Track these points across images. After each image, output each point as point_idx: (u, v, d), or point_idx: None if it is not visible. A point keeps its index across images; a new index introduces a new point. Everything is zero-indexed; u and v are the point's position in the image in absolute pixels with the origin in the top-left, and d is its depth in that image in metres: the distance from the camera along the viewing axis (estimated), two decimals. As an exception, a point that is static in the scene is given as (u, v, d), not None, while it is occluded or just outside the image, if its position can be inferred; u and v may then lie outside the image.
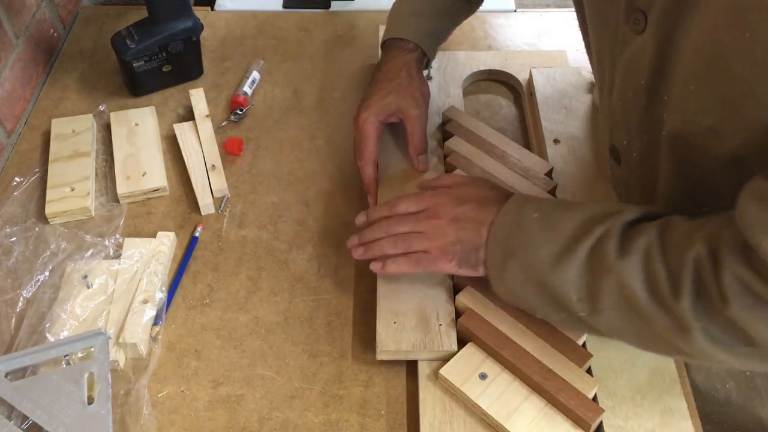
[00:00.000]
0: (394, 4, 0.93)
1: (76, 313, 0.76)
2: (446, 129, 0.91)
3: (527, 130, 0.97)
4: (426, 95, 0.88)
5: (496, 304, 0.73)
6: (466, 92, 1.02)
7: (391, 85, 0.85)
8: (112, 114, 0.97)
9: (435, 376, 0.71)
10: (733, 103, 0.54)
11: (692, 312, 0.56)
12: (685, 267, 0.56)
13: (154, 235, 0.83)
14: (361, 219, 0.77)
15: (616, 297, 0.60)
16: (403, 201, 0.75)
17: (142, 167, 0.91)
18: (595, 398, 0.69)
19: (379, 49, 1.02)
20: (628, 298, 0.59)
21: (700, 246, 0.56)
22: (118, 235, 0.84)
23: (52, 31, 1.09)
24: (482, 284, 0.75)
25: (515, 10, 1.15)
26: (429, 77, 0.98)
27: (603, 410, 0.67)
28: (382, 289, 0.76)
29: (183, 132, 0.95)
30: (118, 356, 0.73)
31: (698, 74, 0.56)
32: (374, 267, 0.74)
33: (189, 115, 0.98)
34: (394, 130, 0.90)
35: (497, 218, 0.68)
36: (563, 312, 0.65)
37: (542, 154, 0.90)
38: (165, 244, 0.82)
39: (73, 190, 0.88)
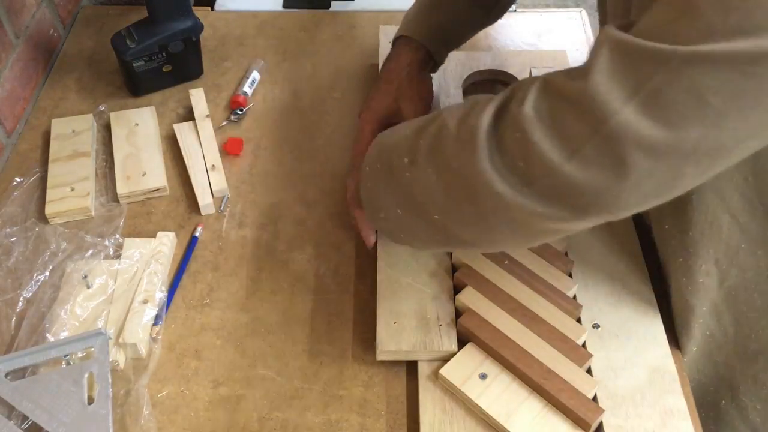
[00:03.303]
0: (413, 3, 0.91)
1: (76, 313, 0.76)
2: (446, 129, 0.91)
3: (527, 130, 0.97)
4: (427, 97, 0.87)
5: (496, 304, 0.73)
6: (466, 92, 1.02)
7: (392, 87, 0.85)
8: (112, 114, 0.97)
9: (435, 376, 0.71)
10: None
11: (486, 127, 0.57)
12: (502, 94, 0.58)
13: (154, 235, 0.83)
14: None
15: (433, 140, 0.61)
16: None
17: (142, 167, 0.91)
18: (595, 398, 0.69)
19: (379, 49, 1.03)
20: (443, 137, 0.60)
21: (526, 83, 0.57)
22: (118, 235, 0.84)
23: (52, 31, 1.09)
24: (482, 284, 0.75)
25: (515, 10, 1.15)
26: (429, 77, 0.98)
27: (603, 410, 0.67)
28: (382, 289, 0.76)
29: (183, 132, 0.95)
30: (118, 356, 0.73)
31: None
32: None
33: (189, 115, 0.98)
34: None
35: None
36: (404, 209, 0.65)
37: (542, 154, 0.90)
38: (165, 244, 0.82)
39: (73, 190, 0.88)
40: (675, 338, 0.75)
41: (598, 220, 0.56)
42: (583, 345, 0.73)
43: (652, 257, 0.79)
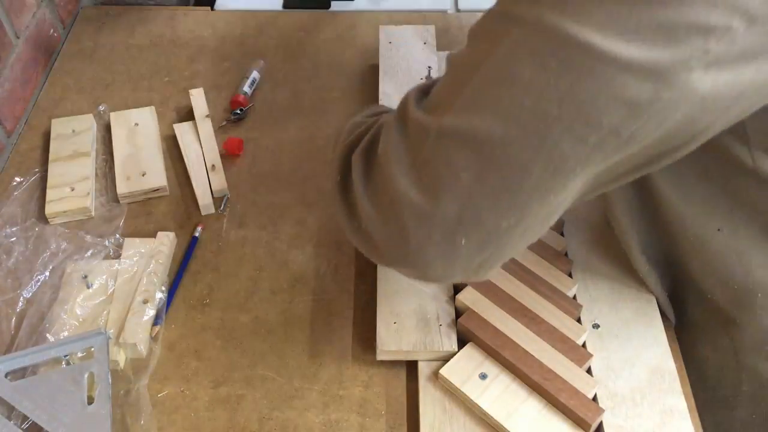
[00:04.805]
0: None
1: (76, 313, 0.76)
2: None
3: (527, 130, 0.97)
4: None
5: (496, 304, 0.73)
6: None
7: None
8: (112, 114, 0.97)
9: (435, 376, 0.71)
10: None
11: (346, 155, 0.60)
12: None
13: (154, 235, 0.83)
14: None
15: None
16: None
17: (142, 167, 0.91)
18: (595, 398, 0.69)
19: (379, 49, 1.03)
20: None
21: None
22: (118, 235, 0.84)
23: (52, 31, 1.09)
24: (482, 284, 0.75)
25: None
26: (429, 77, 0.98)
27: (603, 410, 0.67)
28: (382, 289, 0.76)
29: (183, 132, 0.95)
30: (118, 356, 0.73)
31: None
32: None
33: (189, 115, 0.98)
34: None
35: None
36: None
37: (542, 154, 0.90)
38: (165, 244, 0.82)
39: (73, 190, 0.87)
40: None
41: (412, 274, 0.58)
42: (583, 345, 0.73)
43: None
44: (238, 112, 0.98)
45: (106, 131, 0.96)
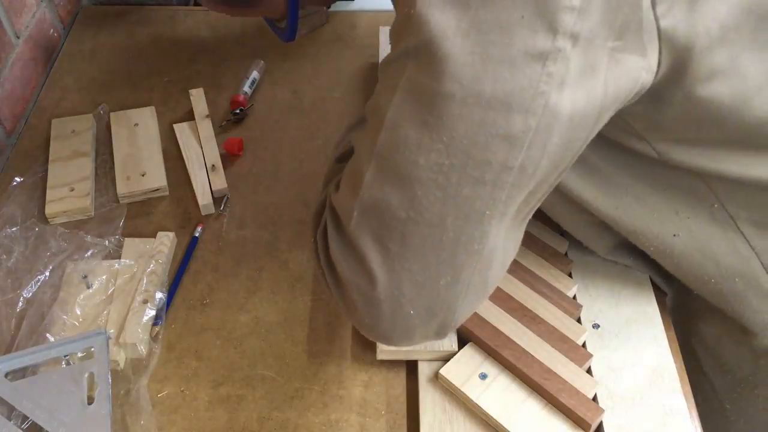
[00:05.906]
0: None
1: (76, 313, 0.76)
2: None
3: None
4: None
5: (496, 304, 0.73)
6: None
7: None
8: (112, 114, 0.97)
9: (435, 376, 0.71)
10: None
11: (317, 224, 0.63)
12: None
13: (154, 235, 0.83)
14: None
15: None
16: None
17: (142, 167, 0.91)
18: (595, 398, 0.69)
19: (379, 49, 1.03)
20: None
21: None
22: (118, 235, 0.84)
23: (52, 31, 1.09)
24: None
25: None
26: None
27: (603, 410, 0.67)
28: (382, 289, 0.76)
29: (183, 132, 0.95)
30: (118, 356, 0.73)
31: None
32: None
33: (189, 115, 0.98)
34: None
35: None
36: None
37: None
38: (165, 244, 0.82)
39: (73, 190, 0.88)
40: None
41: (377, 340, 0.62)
42: (583, 345, 0.73)
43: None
44: (238, 112, 0.98)
45: (106, 131, 0.96)
